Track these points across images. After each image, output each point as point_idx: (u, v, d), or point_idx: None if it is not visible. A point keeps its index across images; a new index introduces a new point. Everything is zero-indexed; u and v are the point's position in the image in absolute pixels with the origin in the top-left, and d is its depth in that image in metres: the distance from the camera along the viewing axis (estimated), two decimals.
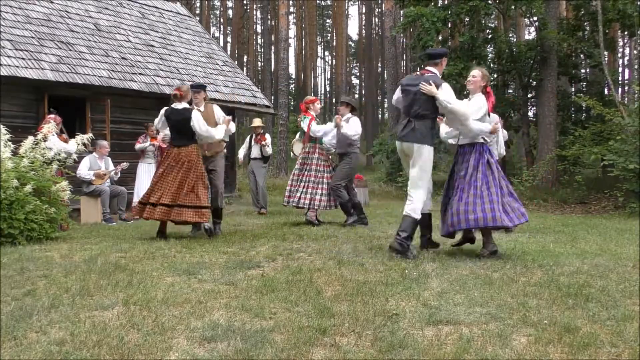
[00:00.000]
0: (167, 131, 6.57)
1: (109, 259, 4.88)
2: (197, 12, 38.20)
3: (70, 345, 2.74)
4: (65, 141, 7.81)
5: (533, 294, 3.66)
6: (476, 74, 5.24)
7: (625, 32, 18.17)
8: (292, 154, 10.21)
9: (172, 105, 6.33)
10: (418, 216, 5.07)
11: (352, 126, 7.51)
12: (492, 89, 5.52)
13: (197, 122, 6.18)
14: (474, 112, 5.05)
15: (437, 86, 4.97)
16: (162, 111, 6.43)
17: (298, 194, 7.57)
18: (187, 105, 6.33)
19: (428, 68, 5.23)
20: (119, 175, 9.32)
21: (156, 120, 6.57)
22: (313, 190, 7.53)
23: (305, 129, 7.68)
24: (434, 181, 6.02)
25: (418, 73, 5.37)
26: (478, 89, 5.21)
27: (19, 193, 5.85)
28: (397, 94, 5.43)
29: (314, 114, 7.83)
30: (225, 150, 7.12)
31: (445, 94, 4.96)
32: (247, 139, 10.78)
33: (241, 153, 10.81)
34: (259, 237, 6.26)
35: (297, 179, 7.68)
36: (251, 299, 3.54)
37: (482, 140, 5.22)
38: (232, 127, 6.85)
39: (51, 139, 7.27)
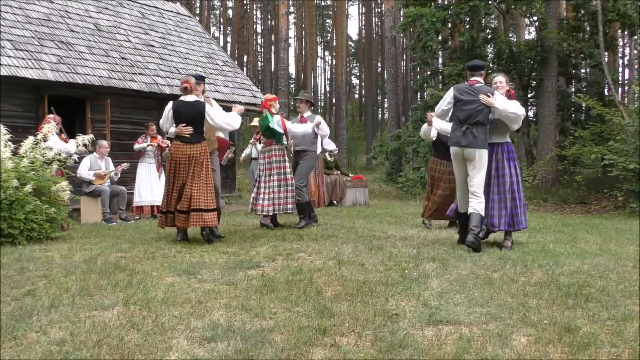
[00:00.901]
0: (172, 129, 5.89)
1: (109, 259, 4.89)
2: (197, 12, 38.19)
3: (70, 345, 2.74)
4: (65, 141, 7.81)
5: (533, 294, 3.66)
6: (502, 80, 5.73)
7: (626, 32, 18.16)
8: (292, 153, 10.20)
9: (181, 98, 5.85)
10: (483, 213, 5.53)
11: (324, 128, 7.59)
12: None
13: (214, 114, 5.87)
14: (520, 108, 5.57)
15: (491, 94, 5.51)
16: (169, 106, 5.89)
17: (263, 202, 7.06)
18: (198, 98, 5.89)
19: (475, 79, 5.65)
20: (119, 175, 9.32)
21: (162, 121, 5.99)
22: (279, 194, 7.07)
23: (278, 127, 7.07)
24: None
25: (467, 84, 5.69)
26: (505, 92, 5.65)
27: (19, 193, 5.85)
28: (445, 105, 5.72)
29: (275, 112, 7.32)
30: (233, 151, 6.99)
31: (500, 102, 5.48)
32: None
33: (245, 152, 10.80)
34: (259, 237, 6.26)
35: (263, 186, 7.13)
36: (251, 299, 3.54)
37: (508, 139, 5.76)
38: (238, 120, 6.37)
39: (51, 139, 7.27)
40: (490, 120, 5.58)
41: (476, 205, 5.46)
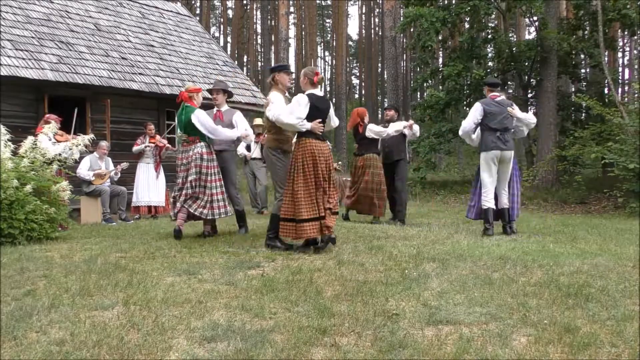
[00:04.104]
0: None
1: (109, 259, 4.88)
2: (197, 12, 38.18)
3: (70, 345, 2.74)
4: (66, 140, 7.79)
5: (533, 294, 3.66)
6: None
7: (626, 32, 18.16)
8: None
9: (314, 92, 5.31)
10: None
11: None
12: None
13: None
14: (534, 117, 7.29)
15: (512, 107, 6.72)
16: (305, 99, 5.20)
17: (195, 205, 6.10)
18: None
19: (496, 93, 6.75)
20: (119, 175, 9.32)
21: (295, 111, 5.18)
22: (213, 197, 6.14)
23: (200, 124, 6.00)
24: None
25: (490, 97, 6.72)
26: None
27: (19, 193, 5.85)
28: (477, 119, 6.63)
29: (197, 104, 6.23)
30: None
31: (520, 113, 6.80)
32: None
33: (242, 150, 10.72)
34: (259, 237, 6.25)
35: (189, 186, 6.10)
36: (251, 299, 3.54)
37: None
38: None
39: (40, 138, 6.91)
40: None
41: (507, 200, 6.64)
